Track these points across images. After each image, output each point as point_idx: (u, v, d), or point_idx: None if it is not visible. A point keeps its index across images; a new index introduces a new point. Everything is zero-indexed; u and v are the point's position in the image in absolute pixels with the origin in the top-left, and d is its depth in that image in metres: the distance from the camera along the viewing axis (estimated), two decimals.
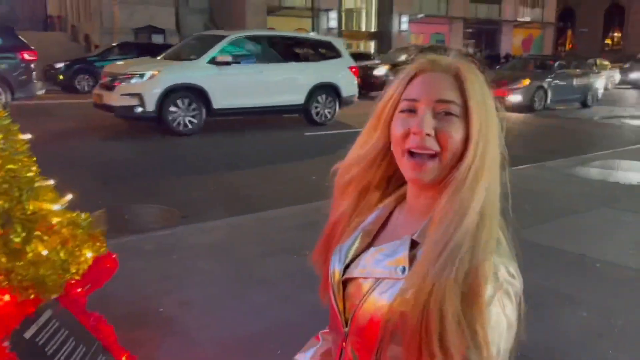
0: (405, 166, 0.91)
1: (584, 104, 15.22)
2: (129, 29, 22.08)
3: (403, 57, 16.91)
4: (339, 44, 11.23)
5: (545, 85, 13.95)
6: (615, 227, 4.47)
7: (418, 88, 0.90)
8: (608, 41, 46.78)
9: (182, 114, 8.82)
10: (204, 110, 9.01)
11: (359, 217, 1.05)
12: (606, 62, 25.88)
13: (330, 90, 10.53)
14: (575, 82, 14.81)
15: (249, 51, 10.03)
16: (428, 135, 0.86)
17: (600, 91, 16.25)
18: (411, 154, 0.89)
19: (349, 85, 10.84)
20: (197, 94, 8.92)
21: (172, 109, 8.71)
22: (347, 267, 0.99)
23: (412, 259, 0.89)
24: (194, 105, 8.90)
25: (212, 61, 9.08)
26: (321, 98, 10.42)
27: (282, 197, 5.38)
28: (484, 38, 34.16)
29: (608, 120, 12.95)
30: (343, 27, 25.86)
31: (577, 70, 15.29)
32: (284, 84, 9.93)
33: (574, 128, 11.73)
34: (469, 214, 0.84)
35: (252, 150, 8.25)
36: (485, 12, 33.31)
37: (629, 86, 23.07)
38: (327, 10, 26.47)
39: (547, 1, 37.23)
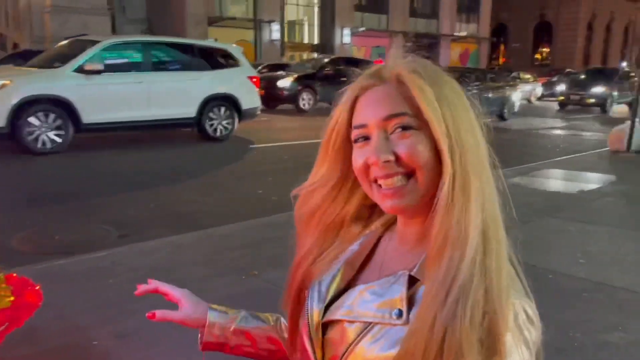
0: (377, 198, 0.77)
1: (501, 117, 15.41)
2: (61, 38, 21.07)
3: (310, 69, 16.92)
4: (237, 51, 10.34)
5: None
6: (562, 237, 4.52)
7: (363, 111, 0.77)
8: (538, 56, 49.21)
9: (42, 130, 7.71)
10: (70, 126, 7.92)
11: (337, 249, 0.88)
12: (528, 76, 27.29)
13: (227, 102, 9.66)
14: (490, 95, 14.93)
15: (129, 59, 8.88)
16: (388, 162, 0.73)
17: (517, 104, 16.87)
18: (380, 184, 0.75)
19: (249, 97, 9.97)
20: (62, 107, 7.83)
21: (32, 122, 7.61)
22: (327, 306, 0.82)
23: (410, 300, 0.73)
24: (59, 121, 7.82)
25: (80, 69, 8.04)
26: (217, 111, 9.56)
27: (228, 213, 5.14)
28: (424, 52, 35.04)
29: (531, 131, 13.44)
30: (286, 39, 25.81)
31: (493, 83, 15.64)
32: (171, 95, 8.99)
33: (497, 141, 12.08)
34: (470, 238, 0.68)
35: (191, 163, 7.93)
36: (424, 26, 34.24)
37: (554, 99, 24.06)
38: (270, 21, 26.38)
39: (481, 17, 38.75)
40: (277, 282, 3.32)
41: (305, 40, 31.08)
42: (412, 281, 0.74)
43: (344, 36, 30.40)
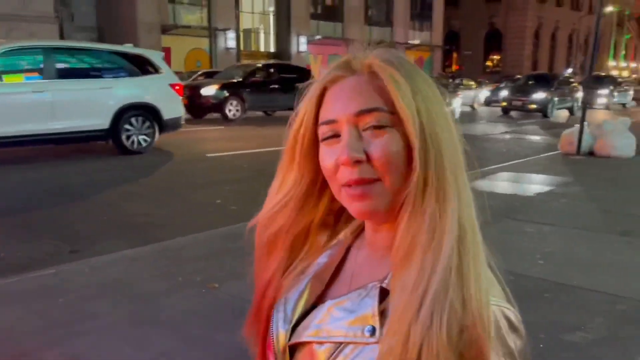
0: (346, 201, 0.69)
1: None
2: None
3: (241, 76, 16.05)
4: (157, 57, 9.43)
5: None
6: (521, 238, 4.58)
7: (332, 105, 0.69)
8: (489, 63, 50.68)
9: None
10: None
11: (303, 263, 0.80)
12: (472, 82, 28.25)
13: (146, 111, 8.93)
14: None
15: (30, 66, 8.02)
16: (359, 162, 0.65)
17: (458, 110, 17.33)
18: (350, 186, 0.68)
19: (171, 106, 9.20)
20: None
21: None
22: (295, 326, 0.74)
23: (383, 315, 0.65)
24: None
25: None
26: (134, 121, 8.80)
27: (185, 224, 4.98)
28: None
29: (477, 136, 13.77)
30: (242, 47, 25.62)
31: None
32: (79, 105, 8.19)
33: None
34: (445, 243, 0.62)
35: (144, 173, 7.70)
36: (378, 34, 34.70)
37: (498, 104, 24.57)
38: (225, 30, 26.13)
39: (434, 25, 39.61)
40: (239, 294, 3.22)
41: (262, 49, 30.96)
42: (384, 293, 0.67)
43: (300, 44, 30.46)
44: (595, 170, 8.09)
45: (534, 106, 19.79)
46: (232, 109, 15.37)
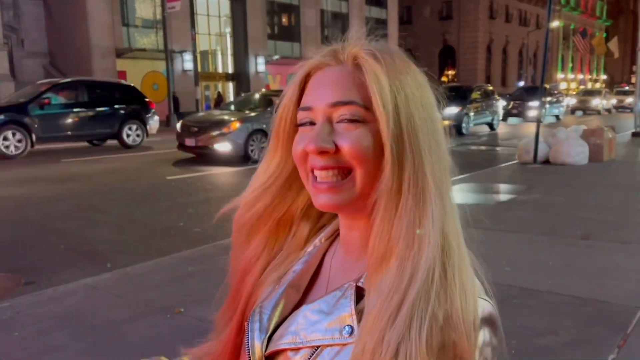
0: (312, 191, 0.68)
1: None
2: None
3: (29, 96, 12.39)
4: None
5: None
6: (486, 247, 4.61)
7: (311, 92, 0.69)
8: (444, 78, 51.94)
9: None
10: None
11: (286, 262, 0.77)
12: None
13: None
14: None
15: None
16: (326, 152, 0.64)
17: None
18: (316, 175, 0.66)
19: None
20: None
21: None
22: (271, 336, 0.71)
23: (361, 314, 0.63)
24: None
25: None
26: None
27: (147, 249, 4.83)
28: None
29: None
30: (199, 69, 25.46)
31: None
32: None
33: None
34: (426, 250, 0.60)
35: (100, 199, 7.48)
36: None
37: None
38: (181, 52, 25.95)
39: (389, 43, 40.37)
40: (206, 318, 3.11)
41: (220, 70, 30.87)
42: (361, 292, 0.66)
43: (258, 65, 30.52)
44: (552, 178, 8.31)
45: (446, 122, 19.78)
46: (10, 143, 11.43)
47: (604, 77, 76.18)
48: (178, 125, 11.46)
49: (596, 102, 31.69)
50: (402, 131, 0.62)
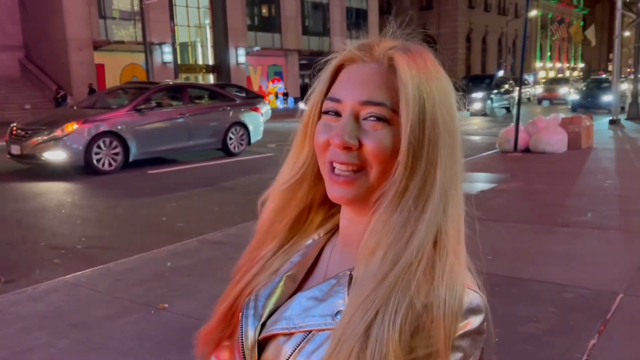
0: (327, 181, 0.69)
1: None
2: None
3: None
4: None
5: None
6: (468, 235, 4.66)
7: (342, 85, 0.69)
8: None
9: None
10: None
11: (294, 247, 0.79)
12: None
13: None
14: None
15: None
16: (349, 148, 0.65)
17: None
18: (334, 167, 0.68)
19: None
20: None
21: None
22: (265, 323, 0.73)
23: None
24: None
25: None
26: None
27: (130, 244, 4.78)
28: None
29: None
30: (179, 61, 25.16)
31: None
32: None
33: None
34: (414, 242, 0.62)
35: (80, 195, 7.38)
36: (316, 44, 34.98)
37: None
38: (161, 44, 25.61)
39: (370, 34, 39.98)
40: (190, 313, 3.10)
41: (200, 62, 30.55)
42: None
43: (239, 56, 30.27)
44: (532, 166, 8.41)
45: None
46: None
47: (581, 65, 77.13)
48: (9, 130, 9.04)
49: (564, 91, 28.97)
50: (424, 138, 0.64)
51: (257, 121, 11.30)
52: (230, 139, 10.61)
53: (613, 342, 2.75)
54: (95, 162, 8.56)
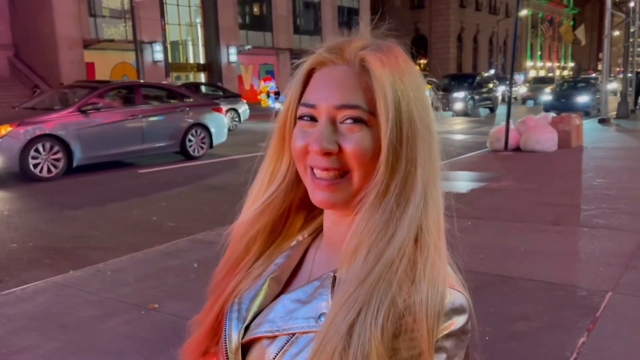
0: (309, 186, 0.68)
1: None
2: None
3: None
4: None
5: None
6: (459, 234, 4.67)
7: (315, 90, 0.67)
8: (417, 67, 52.20)
9: None
10: None
11: (276, 251, 0.77)
12: None
13: None
14: None
15: None
16: (329, 153, 0.64)
17: None
18: (315, 174, 0.67)
19: None
20: None
21: None
22: (248, 326, 0.72)
23: None
24: None
25: None
26: None
27: (119, 244, 4.75)
28: None
29: None
30: (170, 60, 25.04)
31: None
32: None
33: None
34: (395, 241, 0.61)
35: (68, 195, 7.32)
36: (308, 42, 34.95)
37: None
38: (151, 42, 25.47)
39: (361, 33, 40.35)
40: (180, 313, 3.08)
41: (191, 60, 30.43)
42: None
43: (230, 55, 30.17)
44: (523, 165, 8.46)
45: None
46: None
47: (571, 64, 77.63)
48: None
49: (548, 91, 27.84)
50: (402, 137, 0.63)
51: (220, 122, 10.69)
52: (190, 141, 10.01)
53: (602, 340, 2.76)
54: (32, 167, 7.85)
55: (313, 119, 0.66)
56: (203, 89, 17.41)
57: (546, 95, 22.80)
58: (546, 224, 4.92)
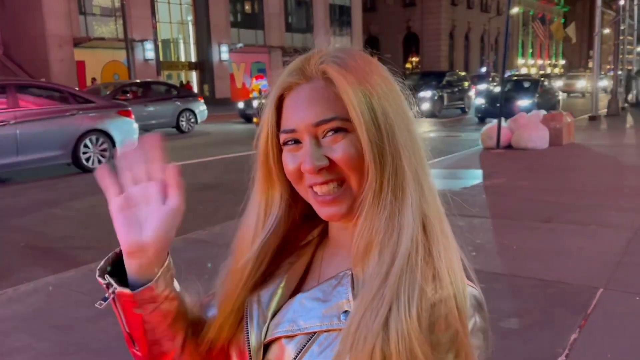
0: (314, 205, 0.70)
1: None
2: None
3: None
4: None
5: None
6: (454, 232, 4.69)
7: (290, 114, 0.70)
8: (408, 65, 52.33)
9: None
10: None
11: (286, 251, 0.79)
12: None
13: None
14: None
15: None
16: (322, 170, 0.67)
17: None
18: (316, 191, 0.70)
19: None
20: None
21: None
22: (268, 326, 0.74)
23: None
24: None
25: None
26: None
27: (112, 244, 4.68)
28: None
29: None
30: (161, 58, 24.94)
31: None
32: None
33: None
34: (404, 235, 0.63)
35: (60, 194, 7.28)
36: (300, 41, 34.91)
37: None
38: (142, 41, 25.36)
39: (354, 30, 40.38)
40: None
41: (182, 59, 30.33)
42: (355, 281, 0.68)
43: (222, 53, 30.10)
44: (515, 162, 8.50)
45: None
46: None
47: (562, 62, 78.08)
48: None
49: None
50: (382, 132, 0.65)
51: (127, 128, 9.06)
52: (85, 152, 8.52)
53: (594, 337, 2.79)
54: None
55: (297, 141, 0.68)
56: (153, 87, 16.14)
57: (478, 100, 17.84)
58: (538, 221, 4.95)
